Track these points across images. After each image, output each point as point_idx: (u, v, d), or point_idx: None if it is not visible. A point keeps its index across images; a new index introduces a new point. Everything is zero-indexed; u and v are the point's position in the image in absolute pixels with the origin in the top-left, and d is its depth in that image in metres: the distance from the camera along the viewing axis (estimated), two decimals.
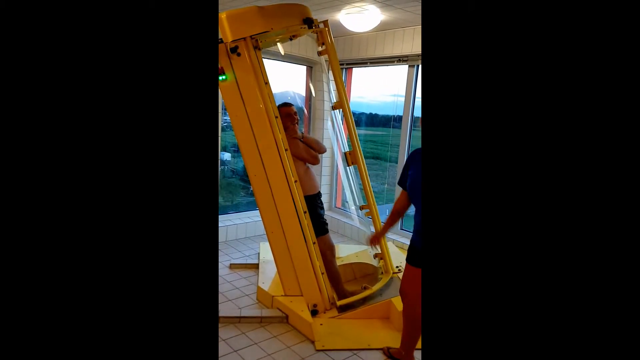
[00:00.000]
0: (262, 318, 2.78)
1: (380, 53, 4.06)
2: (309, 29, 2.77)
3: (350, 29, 3.63)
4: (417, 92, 3.95)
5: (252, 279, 3.40)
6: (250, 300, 3.06)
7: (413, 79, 3.92)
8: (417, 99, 3.97)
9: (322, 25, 2.93)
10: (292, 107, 2.94)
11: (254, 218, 4.49)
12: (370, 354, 2.46)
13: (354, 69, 4.66)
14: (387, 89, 4.88)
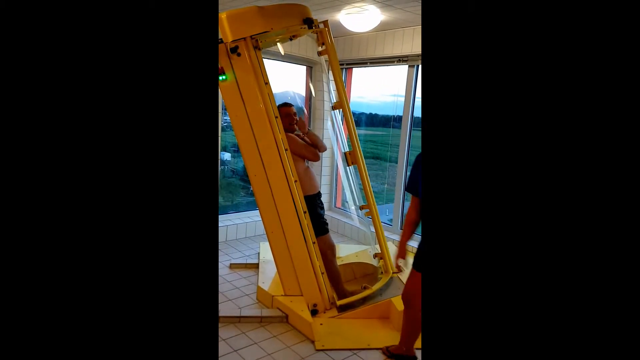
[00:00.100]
0: (262, 318, 2.78)
1: (380, 53, 4.06)
2: (309, 29, 2.77)
3: (350, 29, 3.63)
4: (417, 92, 3.95)
5: (252, 279, 3.40)
6: (250, 300, 3.06)
7: (413, 79, 3.92)
8: (417, 99, 3.97)
9: (322, 26, 2.93)
10: (292, 107, 2.94)
11: (254, 218, 4.49)
12: (370, 354, 2.46)
13: (354, 69, 4.66)
14: (387, 89, 4.89)
